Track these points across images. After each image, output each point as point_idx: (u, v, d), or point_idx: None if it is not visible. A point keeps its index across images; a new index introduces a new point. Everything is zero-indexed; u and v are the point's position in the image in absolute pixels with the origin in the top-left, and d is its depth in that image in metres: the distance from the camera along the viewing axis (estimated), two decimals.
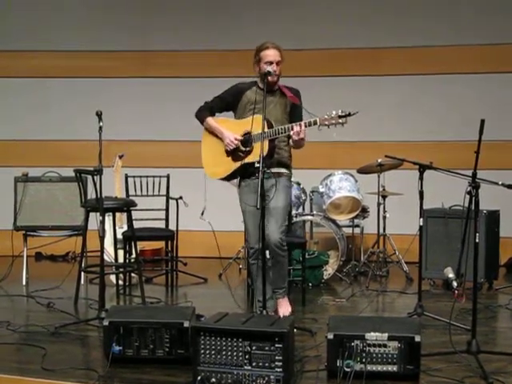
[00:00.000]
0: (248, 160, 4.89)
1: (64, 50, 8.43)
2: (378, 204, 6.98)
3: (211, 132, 5.13)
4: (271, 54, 4.89)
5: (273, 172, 4.87)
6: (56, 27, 8.40)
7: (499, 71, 7.85)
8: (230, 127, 5.04)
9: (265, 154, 4.67)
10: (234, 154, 5.01)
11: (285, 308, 5.12)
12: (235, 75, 6.25)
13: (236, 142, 4.95)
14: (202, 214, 6.48)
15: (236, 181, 5.31)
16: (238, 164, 4.96)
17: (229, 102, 5.11)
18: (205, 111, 5.16)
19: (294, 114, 5.00)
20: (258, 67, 4.95)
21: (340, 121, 4.54)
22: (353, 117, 4.64)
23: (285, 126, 4.76)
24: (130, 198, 6.63)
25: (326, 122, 4.59)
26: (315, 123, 4.66)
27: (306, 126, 4.72)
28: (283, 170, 5.06)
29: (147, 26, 8.38)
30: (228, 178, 5.13)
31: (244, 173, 5.01)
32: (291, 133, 4.73)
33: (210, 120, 5.13)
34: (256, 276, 4.91)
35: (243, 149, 4.94)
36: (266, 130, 4.69)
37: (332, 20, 8.10)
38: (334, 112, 4.56)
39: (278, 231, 4.90)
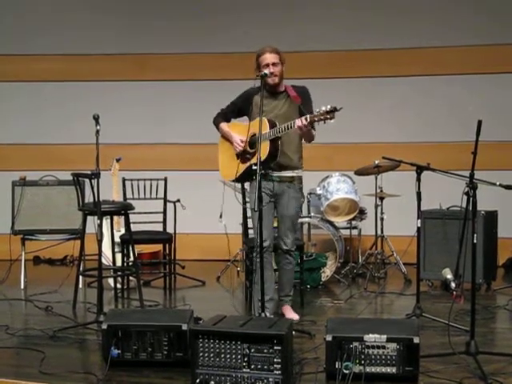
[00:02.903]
0: (253, 161, 4.93)
1: (61, 54, 8.43)
2: (376, 205, 6.99)
3: (225, 137, 5.25)
4: (267, 57, 4.98)
5: (284, 176, 5.00)
6: (52, 31, 8.38)
7: (496, 72, 7.86)
8: (239, 131, 5.13)
9: (266, 154, 4.77)
10: (242, 156, 5.10)
11: (292, 315, 5.22)
12: (233, 78, 6.29)
13: (242, 144, 5.04)
14: (221, 216, 6.49)
15: (234, 184, 5.36)
16: (245, 166, 5.03)
17: (240, 108, 5.23)
18: (219, 118, 5.29)
19: (302, 112, 5.01)
20: (259, 72, 5.00)
21: (328, 116, 4.57)
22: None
23: (282, 126, 4.81)
24: (128, 201, 6.63)
25: (315, 118, 4.62)
26: (306, 120, 4.70)
27: (296, 125, 4.73)
28: (294, 174, 5.13)
29: (144, 28, 8.37)
30: (239, 180, 5.25)
31: (252, 174, 5.04)
32: (295, 126, 4.73)
33: (222, 125, 5.25)
34: (258, 272, 4.90)
35: (250, 151, 5.00)
36: (266, 130, 4.80)
37: (329, 22, 8.10)
38: (323, 108, 4.59)
39: (292, 238, 5.15)
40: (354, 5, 8.09)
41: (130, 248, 6.07)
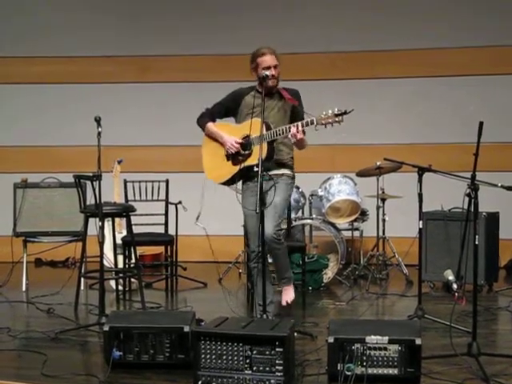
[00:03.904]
0: (247, 163, 4.91)
1: (62, 56, 8.43)
2: (378, 207, 6.98)
3: (212, 137, 5.17)
4: (268, 60, 4.93)
5: (273, 174, 4.84)
6: (52, 32, 8.38)
7: (498, 73, 7.86)
8: (230, 132, 5.07)
9: (264, 156, 4.68)
10: (233, 158, 5.04)
11: (288, 295, 5.18)
12: (234, 79, 6.26)
13: (237, 145, 4.98)
14: (197, 219, 6.48)
15: (235, 185, 5.33)
16: (238, 168, 4.98)
17: (229, 107, 5.15)
18: (205, 117, 5.20)
19: (295, 115, 5.01)
20: (256, 73, 4.97)
21: (336, 119, 4.55)
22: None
23: (282, 128, 4.78)
24: (129, 203, 6.62)
25: (323, 122, 4.60)
26: (312, 123, 4.68)
27: (303, 127, 4.73)
28: (284, 171, 5.08)
29: (145, 30, 8.37)
30: (229, 182, 5.15)
31: (245, 176, 5.02)
32: (289, 135, 4.74)
33: (210, 125, 5.16)
34: (257, 280, 4.92)
35: (243, 152, 4.97)
36: (264, 132, 4.72)
37: (329, 22, 8.09)
38: (330, 111, 4.58)
39: (272, 225, 4.84)
40: (354, 5, 8.09)
41: (132, 250, 6.07)
